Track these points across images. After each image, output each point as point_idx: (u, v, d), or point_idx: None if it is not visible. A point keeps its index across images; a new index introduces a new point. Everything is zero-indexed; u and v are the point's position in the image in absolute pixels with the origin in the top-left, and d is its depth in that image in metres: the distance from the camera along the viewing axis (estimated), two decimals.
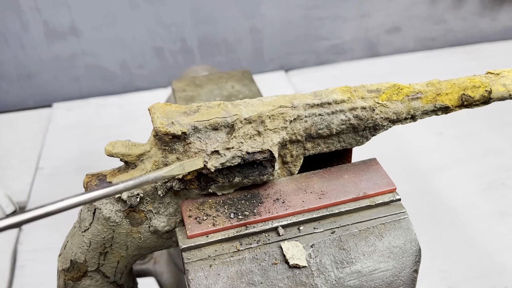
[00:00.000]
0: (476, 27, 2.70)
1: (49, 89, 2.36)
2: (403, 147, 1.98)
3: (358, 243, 0.53)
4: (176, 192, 0.56)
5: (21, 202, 1.78)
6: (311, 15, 2.43)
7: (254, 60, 2.50)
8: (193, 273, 0.50)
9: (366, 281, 0.52)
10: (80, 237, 0.57)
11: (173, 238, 0.59)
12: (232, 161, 0.53)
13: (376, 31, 2.58)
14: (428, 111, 0.59)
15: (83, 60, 2.30)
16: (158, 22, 2.26)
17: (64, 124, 2.20)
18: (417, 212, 1.60)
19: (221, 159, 0.53)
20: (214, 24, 2.33)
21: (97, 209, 0.54)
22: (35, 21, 2.14)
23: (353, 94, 0.58)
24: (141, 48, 2.33)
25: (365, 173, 0.60)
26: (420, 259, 0.55)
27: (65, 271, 0.59)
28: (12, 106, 2.35)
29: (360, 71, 2.53)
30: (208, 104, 0.55)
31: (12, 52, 2.21)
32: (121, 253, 0.58)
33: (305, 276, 0.51)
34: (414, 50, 2.69)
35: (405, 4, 2.52)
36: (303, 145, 0.58)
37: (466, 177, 1.83)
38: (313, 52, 2.57)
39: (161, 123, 0.52)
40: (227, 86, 1.08)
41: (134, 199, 0.54)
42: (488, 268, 1.49)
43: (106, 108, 2.31)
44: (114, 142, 0.55)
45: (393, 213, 0.56)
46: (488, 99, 0.60)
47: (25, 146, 2.05)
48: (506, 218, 1.66)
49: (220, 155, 0.53)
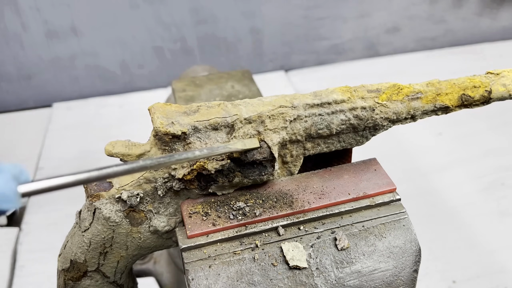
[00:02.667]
0: (476, 27, 2.70)
1: (49, 89, 2.36)
2: (403, 147, 1.98)
3: (358, 243, 0.53)
4: (176, 192, 0.56)
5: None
6: (311, 15, 2.43)
7: (254, 60, 2.50)
8: (193, 273, 0.50)
9: (366, 281, 0.52)
10: (80, 237, 0.57)
11: (173, 238, 0.59)
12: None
13: (376, 31, 2.58)
14: (428, 111, 0.59)
15: (83, 60, 2.30)
16: (158, 22, 2.26)
17: (64, 124, 2.20)
18: (417, 212, 1.60)
19: (221, 161, 0.53)
20: (214, 24, 2.33)
21: (97, 209, 0.54)
22: (35, 21, 2.14)
23: (353, 94, 0.58)
24: (141, 48, 2.33)
25: (365, 173, 0.59)
26: (420, 259, 0.55)
27: (65, 271, 0.59)
28: (12, 106, 2.35)
29: (360, 71, 2.53)
30: (208, 104, 0.55)
31: (12, 52, 2.21)
32: (121, 253, 0.58)
33: (305, 276, 0.51)
34: (414, 50, 2.69)
35: (405, 4, 2.52)
36: (303, 145, 0.58)
37: (466, 177, 1.83)
38: (313, 52, 2.57)
39: (161, 123, 0.52)
40: (227, 86, 1.08)
41: (134, 199, 0.54)
42: (488, 268, 1.49)
43: (106, 108, 2.31)
44: (114, 142, 0.55)
45: (393, 213, 0.56)
46: (488, 99, 0.60)
47: (25, 146, 2.05)
48: (506, 218, 1.65)
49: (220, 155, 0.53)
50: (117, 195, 0.54)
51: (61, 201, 1.71)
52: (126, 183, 0.54)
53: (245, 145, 0.53)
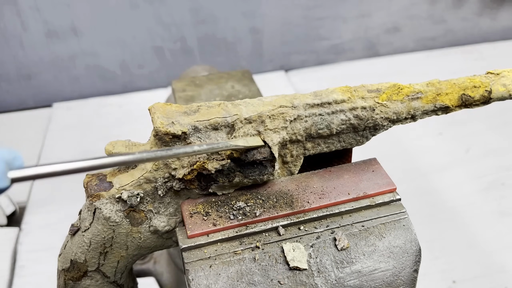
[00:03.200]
0: (476, 27, 2.70)
1: (49, 89, 2.36)
2: (403, 147, 1.98)
3: (358, 243, 0.53)
4: (176, 192, 0.56)
5: (21, 202, 1.78)
6: (311, 15, 2.43)
7: (254, 60, 2.50)
8: (193, 273, 0.50)
9: (366, 281, 0.52)
10: (80, 237, 0.57)
11: (173, 238, 0.59)
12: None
13: (376, 31, 2.58)
14: (428, 111, 0.59)
15: (83, 60, 2.30)
16: (158, 22, 2.26)
17: (64, 124, 2.20)
18: (417, 212, 1.60)
19: (222, 161, 0.53)
20: (214, 24, 2.33)
21: (97, 209, 0.54)
22: (35, 21, 2.14)
23: (353, 94, 0.58)
24: (141, 48, 2.33)
25: (365, 173, 0.59)
26: (420, 259, 0.55)
27: (65, 271, 0.59)
28: (12, 106, 2.35)
29: (360, 71, 2.53)
30: (208, 104, 0.55)
31: (12, 52, 2.21)
32: (121, 253, 0.58)
33: (305, 276, 0.51)
34: (414, 50, 2.69)
35: (405, 4, 2.52)
36: (303, 145, 0.58)
37: (466, 177, 1.83)
38: (313, 52, 2.57)
39: (161, 123, 0.52)
40: (227, 86, 1.08)
41: (135, 199, 0.54)
42: (488, 268, 1.49)
43: (106, 108, 2.31)
44: (114, 142, 0.55)
45: (393, 213, 0.56)
46: (488, 99, 0.60)
47: (25, 146, 2.05)
48: (506, 218, 1.66)
49: (220, 155, 0.53)
50: (117, 195, 0.54)
51: (61, 201, 1.71)
52: (126, 183, 0.54)
53: (247, 143, 0.52)
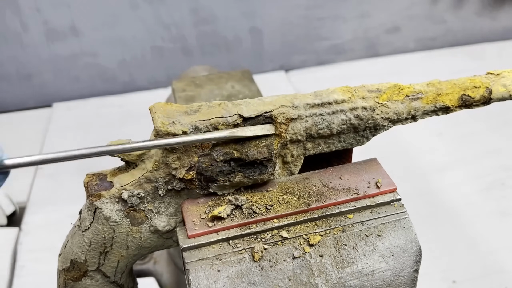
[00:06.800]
0: (476, 27, 2.70)
1: (49, 89, 2.36)
2: (403, 147, 1.98)
3: (359, 243, 0.53)
4: (176, 191, 0.56)
5: (21, 202, 1.78)
6: (311, 15, 2.43)
7: (254, 60, 2.50)
8: (193, 273, 0.50)
9: (366, 281, 0.52)
10: (81, 236, 0.57)
11: (174, 238, 0.59)
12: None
13: (376, 31, 2.58)
14: (428, 111, 0.59)
15: (83, 60, 2.30)
16: (158, 22, 2.26)
17: (64, 124, 2.20)
18: (417, 212, 1.60)
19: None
20: (214, 23, 2.33)
21: (97, 209, 0.54)
22: (35, 21, 2.14)
23: (354, 94, 0.58)
24: (141, 48, 2.33)
25: (365, 173, 0.59)
26: (421, 259, 0.55)
27: (65, 271, 0.59)
28: (12, 106, 2.35)
29: (360, 71, 2.53)
30: (209, 103, 0.55)
31: (12, 52, 2.21)
32: (121, 252, 0.58)
33: (306, 276, 0.51)
34: (414, 50, 2.69)
35: (405, 4, 2.52)
36: (303, 145, 0.58)
37: (466, 177, 1.83)
38: (313, 52, 2.57)
39: (162, 122, 0.52)
40: (227, 86, 1.08)
41: (135, 198, 0.54)
42: (488, 268, 1.49)
43: (106, 108, 2.31)
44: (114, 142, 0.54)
45: (394, 213, 0.56)
46: (489, 99, 0.60)
47: (25, 146, 2.05)
48: (506, 218, 1.66)
49: None
50: (117, 194, 0.54)
51: (61, 201, 1.71)
52: (127, 183, 0.54)
53: (254, 132, 0.53)
